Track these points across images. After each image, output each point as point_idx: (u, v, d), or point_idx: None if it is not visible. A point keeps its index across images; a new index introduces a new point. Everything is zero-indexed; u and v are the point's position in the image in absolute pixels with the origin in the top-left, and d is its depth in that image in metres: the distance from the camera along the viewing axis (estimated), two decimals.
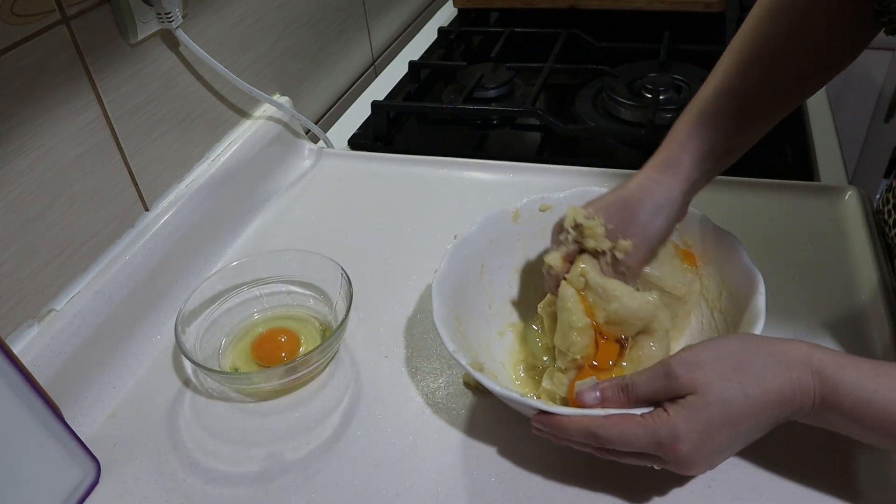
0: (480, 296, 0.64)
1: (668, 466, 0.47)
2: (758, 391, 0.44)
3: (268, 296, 0.71)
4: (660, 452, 0.46)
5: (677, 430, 0.44)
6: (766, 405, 0.45)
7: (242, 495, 0.55)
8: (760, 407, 0.45)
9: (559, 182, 0.84)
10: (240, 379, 0.63)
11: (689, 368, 0.46)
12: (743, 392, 0.44)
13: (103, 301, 0.65)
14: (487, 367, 0.56)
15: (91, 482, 0.56)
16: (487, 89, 1.04)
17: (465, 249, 0.63)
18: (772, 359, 0.45)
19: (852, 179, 0.80)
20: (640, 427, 0.46)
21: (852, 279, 0.67)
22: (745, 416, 0.45)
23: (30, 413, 0.51)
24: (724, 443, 0.45)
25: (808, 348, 0.45)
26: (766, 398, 0.44)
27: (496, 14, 1.36)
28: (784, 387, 0.44)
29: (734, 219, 0.74)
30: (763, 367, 0.45)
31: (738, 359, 0.46)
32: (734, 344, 0.47)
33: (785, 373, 0.45)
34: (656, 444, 0.45)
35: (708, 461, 0.47)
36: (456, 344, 0.54)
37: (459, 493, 0.53)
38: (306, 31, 0.97)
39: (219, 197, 0.79)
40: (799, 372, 0.44)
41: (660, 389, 0.47)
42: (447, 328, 0.55)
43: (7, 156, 0.57)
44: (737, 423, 0.45)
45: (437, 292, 0.58)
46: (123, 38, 0.66)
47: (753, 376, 0.45)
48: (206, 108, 0.79)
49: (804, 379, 0.44)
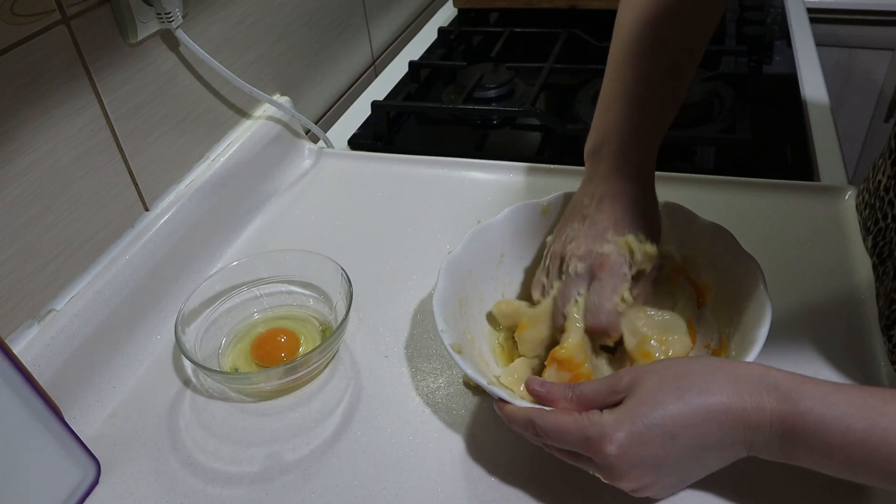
0: (494, 283, 0.64)
1: (599, 472, 0.45)
2: (698, 399, 0.42)
3: (268, 296, 0.71)
4: (588, 451, 0.44)
5: (605, 428, 0.43)
6: (708, 417, 0.42)
7: (242, 495, 0.55)
8: (702, 417, 0.42)
9: (559, 182, 0.84)
10: (240, 379, 0.63)
11: (634, 374, 0.45)
12: (680, 398, 0.42)
13: (103, 301, 0.65)
14: (481, 355, 0.57)
15: (91, 482, 0.56)
16: (487, 89, 1.04)
17: (485, 235, 0.63)
18: (721, 372, 0.43)
19: (852, 179, 0.80)
20: (573, 421, 0.45)
21: (852, 279, 0.67)
22: (682, 425, 0.42)
23: (30, 413, 0.51)
24: (658, 453, 0.43)
25: (763, 367, 0.43)
26: (708, 409, 0.42)
27: (496, 14, 1.36)
28: (733, 400, 0.42)
29: (734, 219, 0.74)
30: (709, 378, 0.43)
31: (684, 369, 0.44)
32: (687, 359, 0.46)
33: (733, 386, 0.42)
34: (584, 439, 0.44)
35: (646, 474, 0.44)
36: (448, 325, 0.54)
37: (459, 493, 0.53)
38: (306, 31, 0.97)
39: (219, 197, 0.79)
40: (751, 387, 0.42)
41: (604, 392, 0.46)
42: (443, 307, 0.56)
43: (7, 156, 0.57)
44: (672, 432, 0.42)
45: (445, 272, 0.58)
46: (123, 38, 0.66)
47: (696, 385, 0.42)
48: (206, 108, 0.79)
49: (757, 396, 0.41)
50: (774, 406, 0.41)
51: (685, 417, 0.42)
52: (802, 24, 1.18)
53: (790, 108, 0.95)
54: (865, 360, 0.59)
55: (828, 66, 1.09)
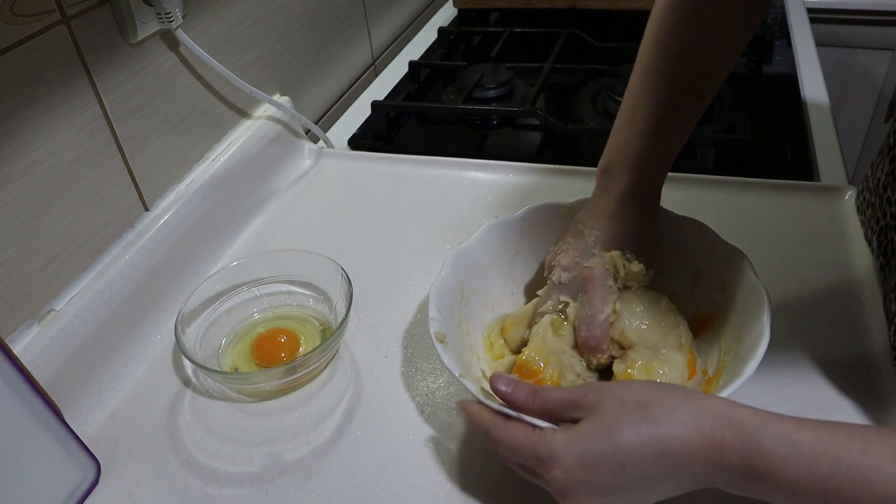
0: (504, 280, 0.64)
1: (552, 490, 0.45)
2: (653, 434, 0.41)
3: (268, 296, 0.71)
4: (537, 469, 0.44)
5: (555, 450, 0.42)
6: (662, 451, 0.41)
7: (242, 495, 0.55)
8: (655, 451, 0.41)
9: (559, 182, 0.84)
10: (240, 379, 0.63)
11: (599, 393, 0.44)
12: (636, 430, 0.41)
13: (103, 301, 0.65)
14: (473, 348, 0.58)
15: (91, 482, 0.56)
16: (487, 89, 1.04)
17: (500, 232, 0.63)
18: (683, 406, 0.42)
19: (852, 179, 0.80)
20: (525, 438, 0.44)
21: (852, 279, 0.67)
22: (633, 458, 0.41)
23: (30, 413, 0.51)
24: (606, 481, 0.42)
25: (729, 404, 0.42)
26: (663, 445, 0.41)
27: (496, 14, 1.37)
28: (691, 436, 0.40)
29: (734, 219, 0.75)
30: (668, 413, 0.41)
31: (648, 397, 0.43)
32: (655, 386, 0.45)
33: (695, 420, 0.41)
34: (534, 458, 0.44)
35: (588, 496, 0.43)
36: (441, 314, 0.54)
37: (459, 493, 0.53)
38: (306, 31, 0.97)
39: (219, 197, 0.79)
40: (714, 424, 0.40)
41: (566, 404, 0.45)
42: (441, 296, 0.56)
43: (7, 156, 0.57)
44: (623, 463, 0.41)
45: (451, 262, 0.59)
46: (123, 38, 0.66)
47: (654, 418, 0.41)
48: (206, 108, 0.79)
49: (720, 432, 0.40)
50: (737, 445, 0.40)
51: (637, 450, 0.41)
52: (802, 24, 1.18)
53: (790, 108, 0.95)
54: (866, 359, 0.59)
55: (828, 66, 1.09)
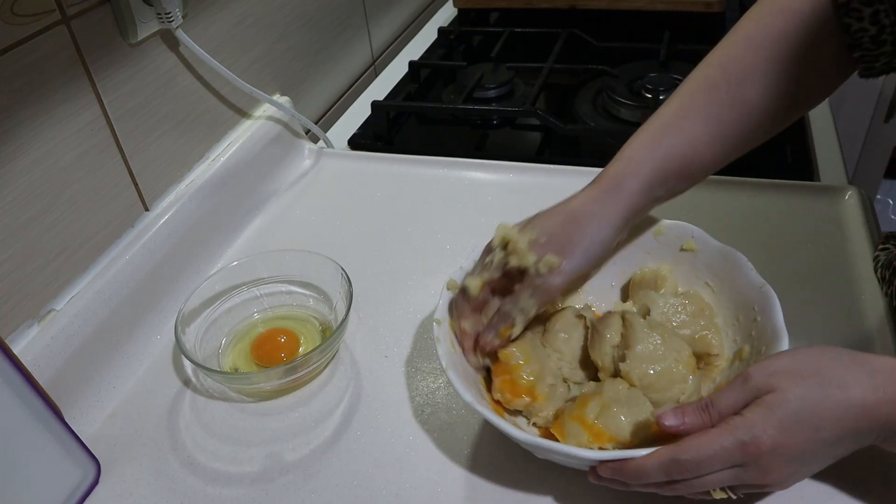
0: None
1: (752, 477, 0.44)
2: (840, 395, 0.42)
3: (268, 296, 0.71)
4: (744, 456, 0.43)
5: (755, 427, 0.42)
6: (848, 410, 0.42)
7: (242, 495, 0.55)
8: (842, 411, 0.42)
9: (559, 182, 0.83)
10: (240, 379, 0.63)
11: (767, 372, 0.44)
12: (824, 392, 0.42)
13: (103, 301, 0.65)
14: None
15: (91, 482, 0.56)
16: (487, 89, 1.04)
17: None
18: (855, 365, 0.43)
19: (852, 179, 0.80)
20: (719, 435, 0.43)
21: (852, 279, 0.67)
22: (826, 419, 0.42)
23: (30, 413, 0.51)
24: (805, 448, 0.43)
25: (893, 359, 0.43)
26: (848, 403, 0.42)
27: (496, 14, 1.36)
28: (870, 394, 0.42)
29: (734, 219, 0.75)
30: (845, 372, 0.43)
31: (818, 363, 0.44)
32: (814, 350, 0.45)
33: (870, 379, 0.42)
34: (740, 445, 0.42)
35: (791, 467, 0.44)
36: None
37: (459, 493, 0.53)
38: (306, 31, 0.97)
39: (219, 197, 0.79)
40: (886, 377, 0.42)
41: (740, 398, 0.44)
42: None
43: (7, 156, 0.57)
44: (818, 426, 0.42)
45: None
46: (123, 38, 0.66)
47: (836, 379, 0.43)
48: (206, 108, 0.79)
49: (891, 387, 0.42)
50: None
51: (828, 412, 0.42)
52: None
53: None
54: None
55: None
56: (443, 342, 0.54)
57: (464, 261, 0.60)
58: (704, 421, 0.45)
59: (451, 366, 0.52)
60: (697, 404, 0.46)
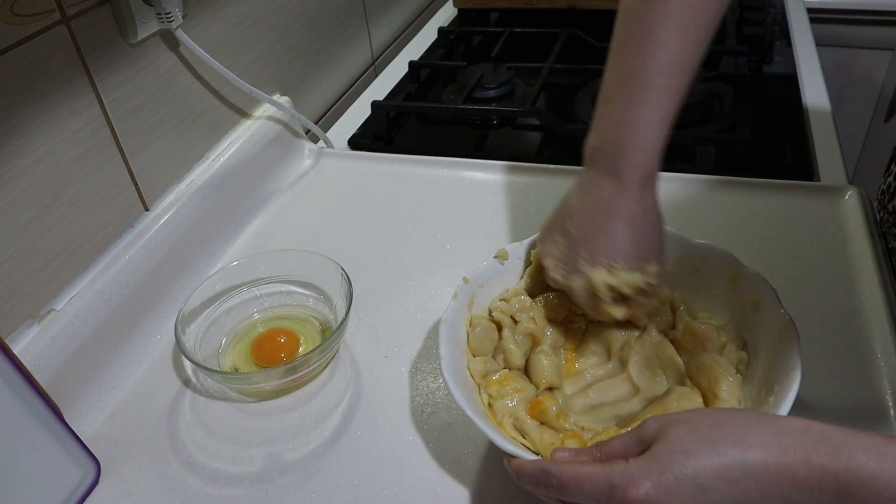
0: None
1: None
2: (735, 453, 0.38)
3: (268, 296, 0.71)
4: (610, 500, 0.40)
5: (632, 474, 0.39)
6: (745, 472, 0.38)
7: (242, 495, 0.55)
8: (738, 472, 0.38)
9: (559, 182, 0.83)
10: (240, 379, 0.63)
11: (661, 421, 0.42)
12: (714, 449, 0.38)
13: (103, 301, 0.65)
14: None
15: (91, 482, 0.56)
16: (487, 89, 1.04)
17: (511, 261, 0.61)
18: (760, 424, 0.39)
19: (852, 179, 0.80)
20: (593, 467, 0.41)
21: (852, 279, 0.67)
22: (715, 479, 0.38)
23: (30, 413, 0.51)
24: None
25: (805, 421, 0.39)
26: (745, 463, 0.38)
27: (496, 14, 1.36)
28: (774, 456, 0.37)
29: (734, 219, 0.75)
30: (747, 431, 0.39)
31: (718, 419, 0.40)
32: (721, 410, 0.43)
33: (775, 440, 0.38)
34: (608, 487, 0.40)
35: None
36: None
37: (459, 493, 0.53)
38: (306, 31, 0.97)
39: (219, 197, 0.79)
40: (795, 441, 0.37)
41: (632, 444, 0.42)
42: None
43: (7, 156, 0.57)
44: (705, 486, 0.38)
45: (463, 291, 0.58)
46: (123, 38, 0.66)
47: (732, 436, 0.39)
48: (206, 108, 0.79)
49: (803, 450, 0.37)
50: (825, 462, 0.37)
51: (719, 471, 0.38)
52: (802, 24, 1.18)
53: (790, 108, 0.95)
54: (866, 359, 0.59)
55: (828, 66, 1.08)
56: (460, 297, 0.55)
57: None
58: (593, 456, 0.44)
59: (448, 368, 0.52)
60: (591, 447, 0.45)
